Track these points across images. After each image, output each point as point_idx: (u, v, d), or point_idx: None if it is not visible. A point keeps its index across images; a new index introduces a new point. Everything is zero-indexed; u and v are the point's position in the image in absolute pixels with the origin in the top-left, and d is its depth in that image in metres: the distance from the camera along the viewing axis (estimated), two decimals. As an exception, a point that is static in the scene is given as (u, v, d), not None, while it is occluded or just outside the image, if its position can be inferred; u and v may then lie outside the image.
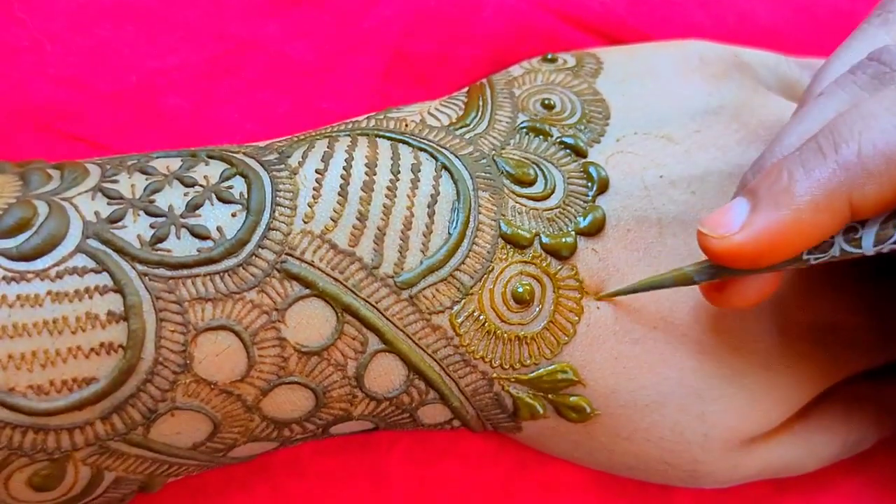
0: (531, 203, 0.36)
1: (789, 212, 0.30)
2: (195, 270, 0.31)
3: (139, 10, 0.42)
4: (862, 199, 0.29)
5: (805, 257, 0.32)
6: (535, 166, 0.36)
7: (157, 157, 0.34)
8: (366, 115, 0.38)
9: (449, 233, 0.34)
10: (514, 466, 0.42)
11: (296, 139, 0.36)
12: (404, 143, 0.36)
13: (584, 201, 0.36)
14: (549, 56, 0.42)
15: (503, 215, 0.35)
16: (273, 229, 0.32)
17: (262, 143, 0.36)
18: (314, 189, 0.33)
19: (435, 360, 0.34)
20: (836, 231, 0.30)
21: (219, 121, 0.43)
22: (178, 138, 0.42)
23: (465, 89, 0.41)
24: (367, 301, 0.33)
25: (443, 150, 0.36)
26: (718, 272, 0.33)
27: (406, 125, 0.37)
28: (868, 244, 0.31)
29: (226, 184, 0.33)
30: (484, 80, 0.41)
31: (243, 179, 0.33)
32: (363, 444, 0.41)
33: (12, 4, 0.41)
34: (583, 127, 0.38)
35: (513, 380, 0.35)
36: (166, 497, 0.37)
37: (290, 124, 0.43)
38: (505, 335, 0.34)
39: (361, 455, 0.41)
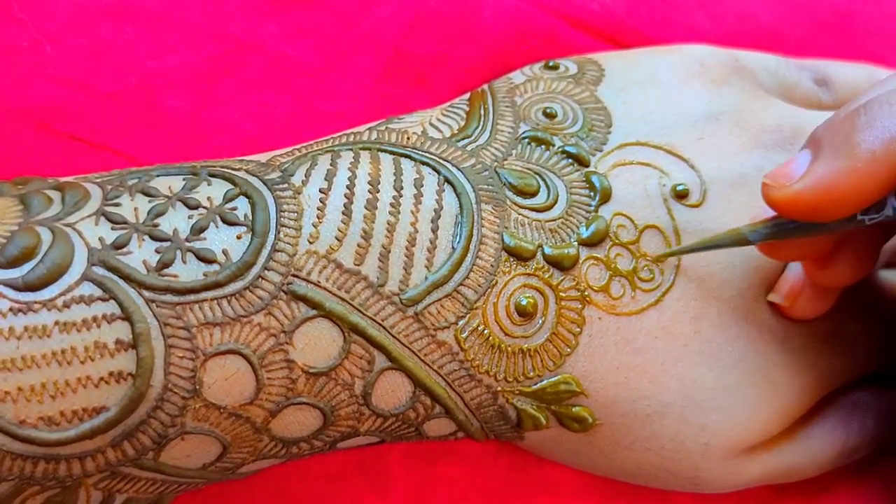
0: (534, 214, 0.36)
1: (847, 161, 0.30)
2: (202, 295, 0.30)
3: (139, 11, 0.42)
4: None
5: (860, 217, 0.31)
6: (537, 177, 0.36)
7: (158, 176, 0.33)
8: (367, 126, 0.38)
9: (453, 247, 0.34)
10: (512, 466, 0.42)
11: (298, 154, 0.35)
12: (407, 157, 0.35)
13: (587, 211, 0.36)
14: (551, 63, 0.42)
15: (506, 227, 0.35)
16: (278, 251, 0.32)
17: (263, 158, 0.36)
18: (318, 209, 0.33)
19: (440, 376, 0.34)
20: (892, 186, 0.30)
21: (218, 121, 0.43)
22: (177, 138, 0.42)
23: (467, 96, 0.41)
24: (373, 319, 0.33)
25: (445, 164, 0.36)
26: (772, 233, 0.33)
27: (408, 138, 0.37)
28: None
29: (229, 205, 0.32)
30: (485, 87, 0.41)
31: (247, 200, 0.33)
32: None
33: (12, 4, 0.41)
34: (584, 135, 0.38)
35: (517, 392, 0.35)
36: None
37: (289, 124, 0.43)
38: (509, 348, 0.34)
39: (361, 455, 0.41)
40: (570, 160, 0.37)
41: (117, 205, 0.32)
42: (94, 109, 0.41)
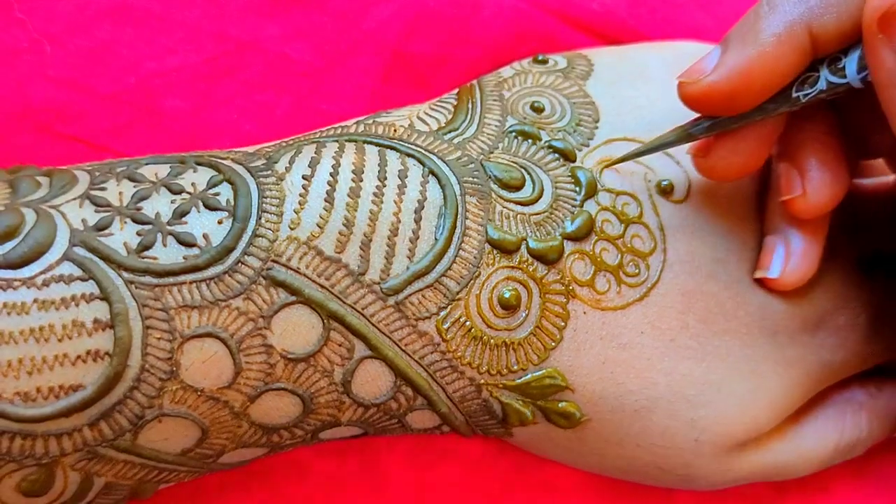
0: (519, 208, 0.35)
1: (754, 47, 0.32)
2: (181, 278, 0.31)
3: (138, 12, 0.43)
4: (822, 29, 0.31)
5: (794, 95, 0.33)
6: (523, 170, 0.36)
7: (147, 164, 0.34)
8: (355, 120, 0.38)
9: (436, 238, 0.34)
10: (512, 468, 0.42)
11: (284, 144, 0.36)
12: (392, 148, 0.36)
13: (572, 205, 0.36)
14: (540, 57, 0.42)
15: (490, 220, 0.35)
16: (259, 236, 0.32)
17: (251, 149, 0.36)
18: (300, 195, 0.33)
19: (422, 367, 0.34)
20: (802, 65, 0.32)
21: (218, 122, 0.43)
22: (177, 139, 0.43)
23: (456, 91, 0.41)
24: (353, 308, 0.33)
25: (430, 156, 0.36)
26: (714, 124, 0.34)
27: (394, 130, 0.37)
28: (852, 71, 0.31)
29: (212, 190, 0.33)
30: (474, 82, 0.41)
31: (230, 186, 0.33)
32: (363, 447, 0.41)
33: (12, 5, 0.41)
34: (572, 130, 0.38)
35: (501, 386, 0.35)
36: (162, 500, 0.37)
37: (289, 125, 0.44)
38: (492, 341, 0.34)
39: (361, 457, 0.41)
40: (557, 155, 0.37)
41: (103, 189, 0.32)
42: (94, 111, 0.42)
